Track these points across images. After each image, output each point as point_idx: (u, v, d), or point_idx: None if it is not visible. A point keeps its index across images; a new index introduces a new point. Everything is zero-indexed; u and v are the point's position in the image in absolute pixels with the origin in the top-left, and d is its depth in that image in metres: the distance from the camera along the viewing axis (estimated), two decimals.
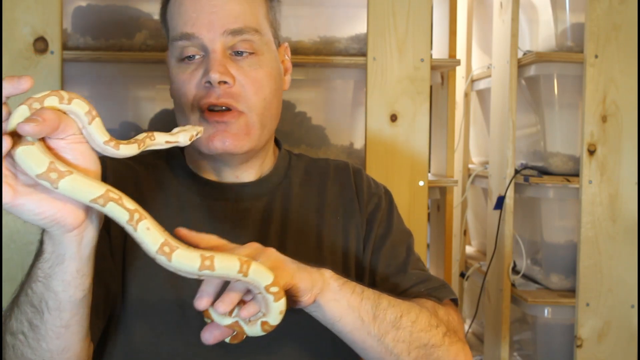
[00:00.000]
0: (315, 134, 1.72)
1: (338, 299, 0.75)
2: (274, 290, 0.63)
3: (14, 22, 1.48)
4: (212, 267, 0.59)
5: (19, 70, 1.48)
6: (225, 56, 0.87)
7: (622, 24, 1.72)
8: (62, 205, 0.58)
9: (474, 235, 2.42)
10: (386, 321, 0.78)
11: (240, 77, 0.88)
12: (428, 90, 1.64)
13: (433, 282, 0.94)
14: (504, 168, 1.84)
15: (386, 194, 1.02)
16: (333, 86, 1.78)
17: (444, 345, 0.82)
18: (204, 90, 0.87)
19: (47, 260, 0.64)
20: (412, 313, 0.81)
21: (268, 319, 0.66)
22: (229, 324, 0.68)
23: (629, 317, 1.75)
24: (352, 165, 1.04)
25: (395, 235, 0.97)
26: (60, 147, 0.59)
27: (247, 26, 0.88)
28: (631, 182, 1.75)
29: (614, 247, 1.75)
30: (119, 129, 1.64)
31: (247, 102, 0.88)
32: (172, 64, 0.92)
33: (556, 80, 1.81)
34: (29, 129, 0.54)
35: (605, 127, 1.74)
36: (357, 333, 0.77)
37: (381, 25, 1.62)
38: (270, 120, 0.93)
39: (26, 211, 0.57)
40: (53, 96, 0.59)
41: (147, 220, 0.58)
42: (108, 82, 1.65)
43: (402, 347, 0.79)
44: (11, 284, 1.48)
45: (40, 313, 0.67)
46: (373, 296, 0.78)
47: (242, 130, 0.88)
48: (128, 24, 1.60)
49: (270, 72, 0.91)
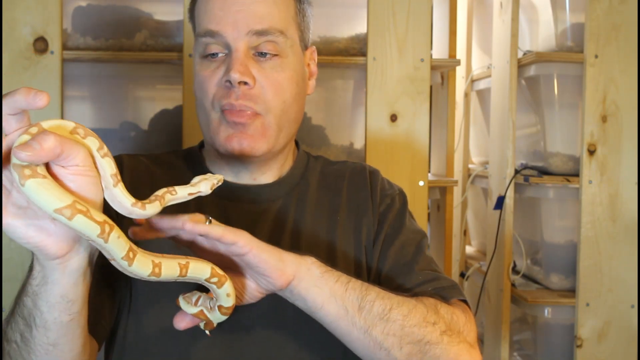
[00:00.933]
0: (315, 134, 1.72)
1: (320, 285, 0.74)
2: (214, 280, 0.67)
3: (14, 22, 1.48)
4: (158, 274, 0.62)
5: (18, 70, 1.48)
6: (248, 56, 0.87)
7: (622, 24, 1.72)
8: (46, 234, 0.57)
9: (474, 235, 2.42)
10: (373, 313, 0.76)
11: (260, 79, 0.87)
12: (428, 90, 1.64)
13: (441, 282, 0.90)
14: (504, 168, 1.84)
15: (400, 195, 1.01)
16: (333, 86, 1.78)
17: (441, 344, 0.79)
18: (224, 90, 0.87)
19: (35, 277, 0.63)
20: (404, 307, 0.78)
21: (221, 303, 0.70)
22: (194, 312, 0.72)
23: (629, 317, 1.76)
24: (370, 167, 1.03)
25: (405, 235, 0.96)
26: (60, 175, 0.56)
27: (273, 27, 0.88)
28: (631, 182, 1.75)
29: (614, 247, 1.75)
30: (119, 129, 1.65)
31: (266, 104, 0.88)
32: (196, 59, 0.92)
33: (556, 80, 1.81)
34: (23, 156, 0.51)
35: (605, 127, 1.74)
36: (341, 323, 0.75)
37: (381, 25, 1.62)
38: (289, 124, 0.92)
39: (11, 232, 0.56)
40: (91, 137, 0.58)
41: (115, 230, 0.57)
42: (108, 82, 1.65)
43: (393, 340, 0.76)
44: (11, 284, 1.48)
45: (30, 327, 0.66)
46: (360, 287, 0.77)
47: (257, 132, 0.88)
48: (128, 24, 1.60)
49: (292, 76, 0.91)
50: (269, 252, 0.71)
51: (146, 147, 1.62)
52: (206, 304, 0.72)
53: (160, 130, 1.65)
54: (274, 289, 0.73)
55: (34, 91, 0.53)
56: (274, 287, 0.72)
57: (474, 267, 2.14)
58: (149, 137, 1.65)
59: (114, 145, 1.61)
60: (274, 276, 0.71)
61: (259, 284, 0.73)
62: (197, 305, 0.72)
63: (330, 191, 0.98)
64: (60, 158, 0.53)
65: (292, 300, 0.75)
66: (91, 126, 1.67)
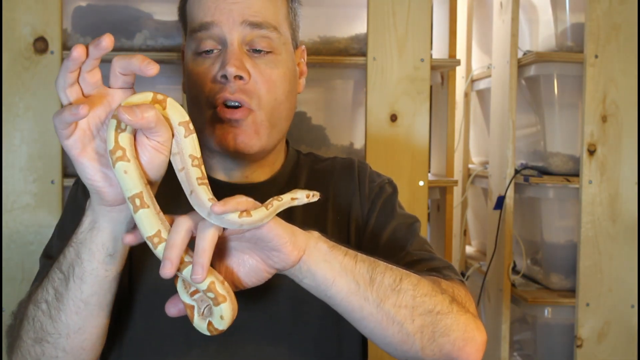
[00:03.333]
0: (315, 134, 1.72)
1: (329, 260, 0.70)
2: (211, 296, 0.63)
3: (14, 22, 1.48)
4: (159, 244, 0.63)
5: (19, 70, 1.48)
6: (242, 51, 0.87)
7: (622, 24, 1.72)
8: (109, 183, 0.65)
9: (474, 235, 2.42)
10: (384, 284, 0.72)
11: (255, 74, 0.87)
12: (428, 90, 1.64)
13: (436, 262, 0.89)
14: (504, 168, 1.84)
15: (390, 183, 1.01)
16: (333, 86, 1.78)
17: (451, 313, 0.75)
18: (219, 85, 0.87)
19: (82, 224, 0.70)
20: (413, 278, 0.75)
21: (212, 320, 0.65)
22: (186, 303, 0.67)
23: (629, 317, 1.75)
24: (358, 161, 1.03)
25: (397, 219, 0.95)
26: (141, 143, 0.64)
27: (267, 22, 0.88)
28: (631, 182, 1.75)
29: (614, 247, 1.75)
30: None
31: (259, 100, 0.88)
32: (189, 57, 0.91)
33: (556, 80, 1.81)
34: (124, 117, 0.60)
35: (605, 127, 1.74)
36: (353, 299, 0.71)
37: (381, 25, 1.62)
38: (280, 121, 0.92)
39: (81, 170, 0.64)
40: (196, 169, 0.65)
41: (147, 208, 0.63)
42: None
43: (405, 313, 0.72)
44: (11, 284, 1.48)
45: (67, 280, 0.71)
46: (368, 260, 0.74)
47: (250, 128, 0.88)
48: (128, 24, 1.60)
49: (285, 73, 0.91)
50: (282, 225, 0.67)
51: None
52: (201, 305, 0.67)
53: None
54: (285, 266, 0.68)
55: (148, 60, 0.62)
56: (285, 264, 0.68)
57: (474, 267, 2.14)
58: None
59: None
60: (287, 250, 0.67)
61: (269, 261, 0.68)
62: (192, 297, 0.67)
63: (320, 187, 0.97)
64: (151, 131, 0.62)
65: (299, 279, 0.71)
66: None
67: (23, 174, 1.50)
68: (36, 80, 1.49)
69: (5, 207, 1.49)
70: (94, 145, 0.65)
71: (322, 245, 0.71)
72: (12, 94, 1.49)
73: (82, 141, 0.64)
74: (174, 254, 0.61)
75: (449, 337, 0.76)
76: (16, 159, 1.49)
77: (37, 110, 1.49)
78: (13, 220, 1.49)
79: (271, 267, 0.69)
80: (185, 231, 0.63)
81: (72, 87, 0.63)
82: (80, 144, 0.63)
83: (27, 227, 1.49)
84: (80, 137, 0.63)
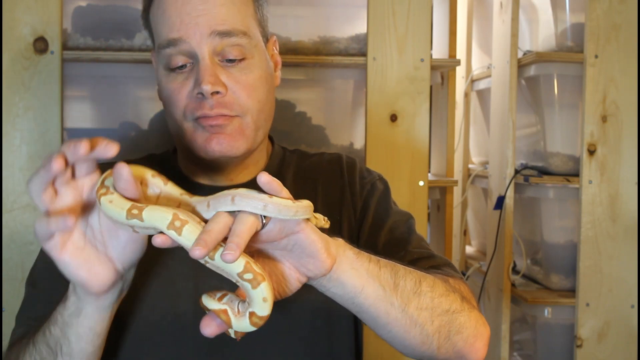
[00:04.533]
0: (315, 134, 1.72)
1: (357, 267, 0.69)
2: (249, 277, 0.59)
3: (14, 22, 1.48)
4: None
5: (19, 70, 1.48)
6: (215, 64, 0.85)
7: (622, 24, 1.72)
8: (94, 274, 0.65)
9: (474, 235, 2.42)
10: (407, 289, 0.72)
11: (231, 85, 0.86)
12: (428, 90, 1.64)
13: (436, 260, 0.90)
14: (504, 168, 1.84)
15: (381, 180, 1.00)
16: (333, 86, 1.78)
17: (464, 311, 0.77)
18: (196, 102, 0.85)
19: (68, 308, 0.71)
20: (429, 279, 0.76)
21: (255, 309, 0.61)
22: (216, 309, 0.63)
23: (629, 317, 1.75)
24: (346, 157, 1.02)
25: (393, 217, 0.95)
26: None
27: (236, 29, 0.86)
28: (631, 182, 1.75)
29: (614, 247, 1.75)
30: (119, 129, 1.65)
31: (242, 108, 0.87)
32: (161, 71, 0.90)
33: (556, 80, 1.81)
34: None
35: (605, 127, 1.74)
36: (380, 305, 0.70)
37: (381, 25, 1.62)
38: (265, 122, 0.91)
39: (64, 268, 0.65)
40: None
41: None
42: (108, 82, 1.65)
43: (426, 315, 0.73)
44: (11, 284, 1.48)
45: (54, 355, 0.72)
46: (389, 264, 0.73)
47: (236, 131, 0.87)
48: (128, 24, 1.60)
49: (261, 75, 0.89)
50: (316, 232, 0.65)
51: (146, 147, 1.62)
52: (233, 305, 0.63)
53: (160, 130, 1.65)
54: (318, 273, 0.66)
55: (106, 141, 0.60)
56: (318, 271, 0.66)
57: (474, 267, 2.14)
58: (149, 137, 1.65)
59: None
60: (322, 257, 0.65)
61: (302, 269, 0.66)
62: (221, 302, 0.63)
63: (306, 185, 0.97)
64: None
65: (327, 289, 0.69)
66: (91, 126, 1.67)
67: (23, 174, 1.50)
68: (36, 80, 1.49)
69: (5, 207, 1.49)
70: (73, 239, 0.65)
71: (349, 252, 0.70)
72: (12, 94, 1.48)
73: (62, 240, 0.64)
74: (210, 237, 0.57)
75: (462, 334, 0.77)
76: (16, 159, 1.49)
77: (37, 110, 1.49)
78: (13, 220, 1.49)
79: (304, 275, 0.67)
80: (225, 223, 0.59)
81: (46, 191, 0.61)
82: (59, 243, 0.63)
83: (27, 227, 1.49)
84: (59, 237, 0.63)
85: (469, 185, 2.25)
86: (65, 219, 0.59)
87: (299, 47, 1.65)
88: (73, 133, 1.61)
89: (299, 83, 1.73)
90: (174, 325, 0.86)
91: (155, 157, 1.01)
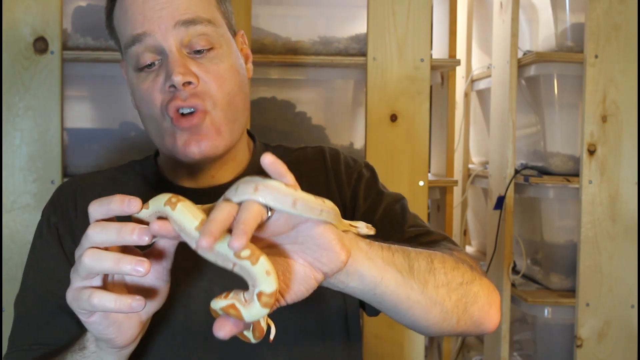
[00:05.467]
0: (315, 134, 1.72)
1: (372, 257, 0.66)
2: (246, 254, 0.56)
3: (14, 22, 1.48)
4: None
5: (19, 70, 1.48)
6: (183, 55, 0.85)
7: (622, 24, 1.72)
8: (122, 331, 0.65)
9: (474, 235, 2.42)
10: (422, 269, 0.70)
11: (202, 75, 0.85)
12: (428, 90, 1.64)
13: (434, 236, 0.89)
14: (504, 168, 1.84)
15: (367, 167, 1.00)
16: (333, 86, 1.78)
17: (476, 280, 0.76)
18: (169, 95, 0.84)
19: (87, 357, 0.70)
20: (438, 255, 0.74)
21: (261, 288, 0.57)
22: (224, 306, 0.60)
23: (629, 317, 1.75)
24: (330, 149, 1.01)
25: (385, 200, 0.94)
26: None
27: (199, 17, 0.85)
28: (631, 182, 1.75)
29: (614, 247, 1.75)
30: (119, 129, 1.65)
31: (212, 100, 0.86)
32: (130, 74, 0.89)
33: (556, 80, 1.81)
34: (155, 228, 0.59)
35: (605, 127, 1.74)
36: (401, 291, 0.68)
37: (381, 25, 1.62)
38: (238, 114, 0.90)
39: (93, 328, 0.64)
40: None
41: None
42: (108, 82, 1.65)
43: (443, 292, 0.71)
44: (11, 284, 1.48)
45: None
46: (400, 248, 0.71)
47: (210, 131, 0.86)
48: None
49: (232, 65, 0.88)
50: (326, 222, 0.61)
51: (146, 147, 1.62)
52: (239, 297, 0.60)
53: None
54: (334, 268, 0.62)
55: (128, 198, 0.61)
56: (334, 265, 0.62)
57: None
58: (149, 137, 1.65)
59: (114, 145, 1.61)
60: (337, 248, 0.61)
61: (317, 264, 0.62)
62: (227, 298, 0.60)
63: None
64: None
65: (345, 285, 0.66)
66: (91, 126, 1.67)
67: (23, 174, 1.50)
68: (36, 80, 1.49)
69: (5, 207, 1.49)
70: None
71: (361, 243, 0.66)
72: (12, 94, 1.49)
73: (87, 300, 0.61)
74: (215, 227, 0.54)
75: (478, 303, 0.76)
76: (16, 159, 1.49)
77: (37, 110, 1.49)
78: (13, 220, 1.49)
79: (319, 271, 0.62)
80: (229, 211, 0.56)
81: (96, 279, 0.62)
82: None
83: (27, 227, 1.49)
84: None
85: (469, 185, 2.25)
86: (143, 265, 0.58)
87: (299, 47, 1.65)
88: (73, 133, 1.61)
89: (299, 83, 1.73)
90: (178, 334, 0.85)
91: (136, 164, 1.00)
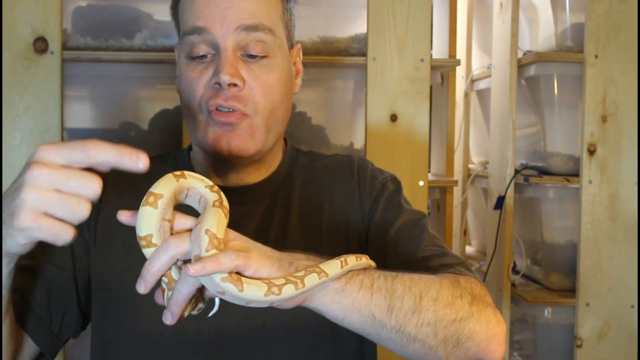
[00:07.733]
0: (315, 134, 1.72)
1: (338, 300, 0.67)
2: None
3: (14, 22, 1.48)
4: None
5: (19, 70, 1.48)
6: (236, 56, 0.85)
7: (622, 24, 1.72)
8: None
9: (474, 235, 2.42)
10: (404, 309, 0.70)
11: (249, 80, 0.86)
12: (428, 90, 1.64)
13: (449, 259, 0.88)
14: (504, 168, 1.84)
15: (393, 180, 0.99)
16: (333, 86, 1.78)
17: (472, 317, 0.75)
18: (213, 91, 0.85)
19: None
20: (433, 289, 0.73)
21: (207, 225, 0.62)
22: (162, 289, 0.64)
23: (629, 317, 1.76)
24: (359, 158, 1.01)
25: (404, 216, 0.93)
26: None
27: (262, 24, 0.86)
28: (631, 182, 1.75)
29: (614, 247, 1.75)
30: (119, 129, 1.65)
31: (255, 106, 0.86)
32: (182, 60, 0.90)
33: (556, 80, 1.81)
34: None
35: (605, 127, 1.74)
36: (368, 328, 0.70)
37: (381, 25, 1.62)
38: (277, 124, 0.91)
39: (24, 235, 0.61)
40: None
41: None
42: (108, 82, 1.66)
43: (427, 330, 0.71)
44: None
45: None
46: (385, 285, 0.71)
47: (245, 132, 0.86)
48: (128, 24, 1.60)
49: (281, 76, 0.89)
50: (271, 265, 0.64)
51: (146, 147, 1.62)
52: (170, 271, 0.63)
53: (161, 130, 1.65)
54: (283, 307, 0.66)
55: (136, 152, 0.63)
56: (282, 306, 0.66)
57: (474, 267, 2.14)
58: (149, 137, 1.65)
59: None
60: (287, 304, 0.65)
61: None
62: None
63: (317, 187, 0.96)
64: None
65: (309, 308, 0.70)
66: (91, 126, 1.67)
67: None
68: (36, 80, 1.49)
69: None
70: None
71: (334, 285, 0.67)
72: (12, 94, 1.49)
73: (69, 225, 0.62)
74: (150, 279, 0.60)
75: (474, 340, 0.75)
76: (16, 159, 1.49)
77: (37, 110, 1.49)
78: None
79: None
80: (170, 258, 0.61)
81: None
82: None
83: None
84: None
85: (469, 185, 2.25)
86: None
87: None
88: (73, 133, 1.61)
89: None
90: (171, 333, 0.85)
91: (170, 156, 1.01)
